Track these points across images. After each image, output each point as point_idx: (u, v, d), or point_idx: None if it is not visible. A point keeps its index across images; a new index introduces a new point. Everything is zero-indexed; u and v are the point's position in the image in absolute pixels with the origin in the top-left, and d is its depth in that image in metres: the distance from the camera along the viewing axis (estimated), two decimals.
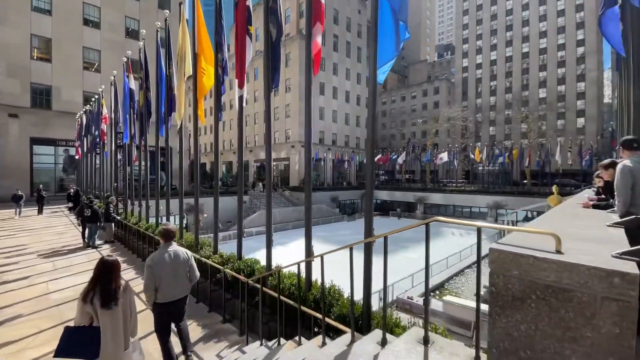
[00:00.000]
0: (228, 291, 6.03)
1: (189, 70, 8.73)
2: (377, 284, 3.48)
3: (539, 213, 32.69)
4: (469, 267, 22.30)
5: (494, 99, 67.54)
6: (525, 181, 45.76)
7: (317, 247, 4.90)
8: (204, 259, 6.61)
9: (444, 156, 46.69)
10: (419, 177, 58.81)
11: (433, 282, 18.47)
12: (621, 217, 3.03)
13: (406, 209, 47.08)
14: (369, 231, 3.11)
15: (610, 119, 60.10)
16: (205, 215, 28.80)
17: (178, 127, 9.55)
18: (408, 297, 15.24)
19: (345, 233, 32.38)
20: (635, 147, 3.18)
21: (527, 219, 34.70)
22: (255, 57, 48.71)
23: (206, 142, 66.96)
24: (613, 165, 3.50)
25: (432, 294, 17.19)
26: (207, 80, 7.99)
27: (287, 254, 21.83)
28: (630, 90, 4.27)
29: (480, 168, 50.05)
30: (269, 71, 5.49)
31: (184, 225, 10.45)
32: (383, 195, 49.96)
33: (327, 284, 4.08)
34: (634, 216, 2.44)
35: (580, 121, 57.38)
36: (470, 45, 72.08)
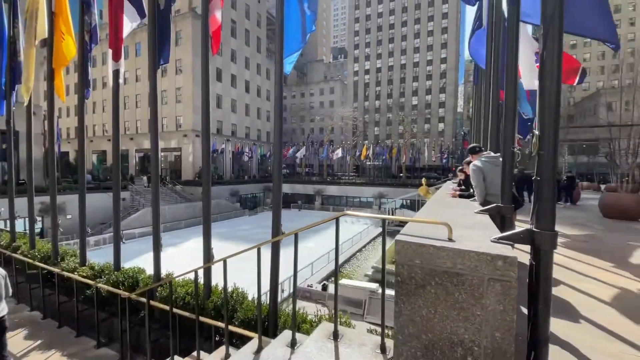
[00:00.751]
0: (103, 309, 4.94)
1: (42, 32, 6.70)
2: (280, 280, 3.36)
3: (412, 201, 38.91)
4: (359, 251, 24.73)
5: (379, 102, 76.41)
6: (401, 174, 53.55)
7: (217, 245, 4.44)
8: (66, 273, 5.24)
9: (339, 152, 50.38)
10: (317, 170, 61.88)
11: (329, 268, 19.73)
12: (481, 204, 3.71)
13: (306, 200, 48.97)
14: (277, 229, 2.92)
15: (462, 125, 76.13)
16: (68, 216, 23.41)
17: (26, 104, 7.28)
18: (308, 285, 15.83)
19: (247, 228, 31.46)
20: (478, 150, 4.17)
21: (403, 206, 40.70)
22: (138, 30, 41.70)
23: (70, 126, 54.17)
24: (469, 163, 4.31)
25: (329, 280, 18.32)
26: (68, 47, 6.30)
27: (181, 257, 19.70)
28: (483, 100, 5.34)
29: (367, 163, 56.04)
30: (155, 44, 4.63)
31: (38, 231, 8.13)
32: (285, 188, 50.51)
33: (230, 287, 3.73)
34: (494, 204, 2.99)
35: (441, 126, 70.61)
36: (360, 52, 79.30)
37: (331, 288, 14.96)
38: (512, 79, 2.87)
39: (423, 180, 20.83)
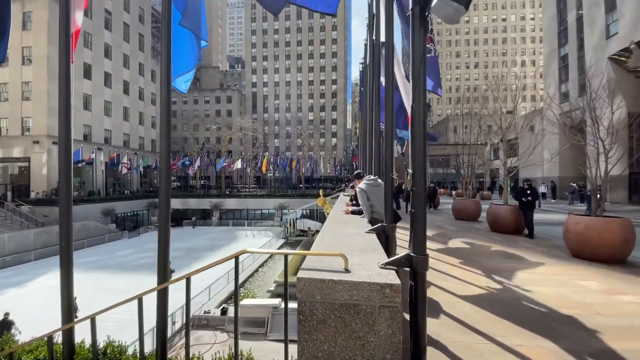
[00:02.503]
0: None
1: None
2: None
3: (311, 210, 40.69)
4: (261, 266, 24.21)
5: (278, 115, 77.95)
6: (301, 185, 55.53)
7: (82, 278, 3.54)
8: None
9: (238, 163, 48.74)
10: (214, 183, 58.11)
11: (230, 288, 18.61)
12: (369, 221, 4.15)
13: (201, 216, 45.19)
14: (163, 275, 2.55)
15: (351, 140, 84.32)
16: None
17: None
18: (205, 312, 14.50)
19: (126, 253, 26.84)
20: (362, 175, 4.90)
21: (304, 216, 42.12)
22: None
23: None
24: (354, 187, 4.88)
25: (229, 302, 17.24)
26: None
27: (29, 302, 15.27)
28: (366, 124, 6.06)
29: (268, 175, 55.98)
30: None
31: None
32: (175, 203, 45.55)
33: (102, 342, 3.06)
34: (380, 224, 3.36)
35: (334, 140, 76.82)
36: (258, 64, 79.60)
37: (231, 311, 14.08)
38: (390, 116, 3.33)
39: (320, 192, 22.18)
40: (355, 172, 5.47)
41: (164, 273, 2.63)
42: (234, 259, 2.22)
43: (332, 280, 1.79)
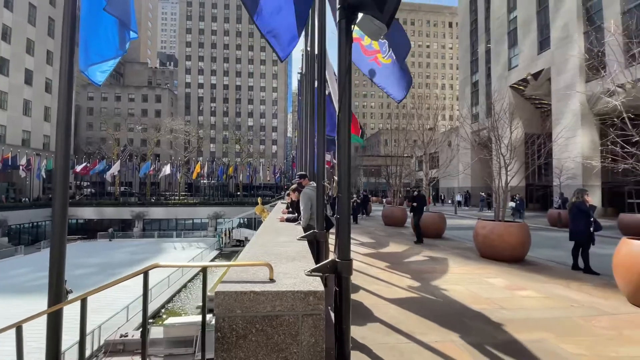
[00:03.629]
0: None
1: None
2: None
3: (250, 219, 39.38)
4: (191, 280, 22.44)
5: (214, 119, 74.45)
6: (239, 193, 53.55)
7: None
8: None
9: (167, 168, 44.92)
10: (137, 189, 52.51)
11: (153, 307, 16.81)
12: (304, 228, 4.12)
13: (121, 227, 40.25)
14: (56, 295, 2.13)
15: (292, 148, 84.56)
16: None
17: None
18: (122, 335, 12.80)
19: (22, 272, 22.46)
20: (308, 178, 4.59)
21: (241, 225, 40.51)
22: None
23: None
24: (299, 189, 4.74)
25: (151, 320, 15.56)
26: None
27: None
28: (307, 134, 6.12)
29: (202, 182, 52.74)
30: None
31: None
32: (88, 213, 39.86)
33: None
34: (312, 231, 3.35)
35: (274, 147, 76.24)
36: (193, 64, 75.28)
37: (154, 332, 12.69)
38: (321, 126, 3.39)
39: (259, 200, 21.63)
40: (300, 173, 5.10)
41: (56, 293, 2.20)
42: (143, 275, 1.96)
43: (254, 291, 1.69)
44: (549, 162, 21.18)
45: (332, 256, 2.32)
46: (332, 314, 2.23)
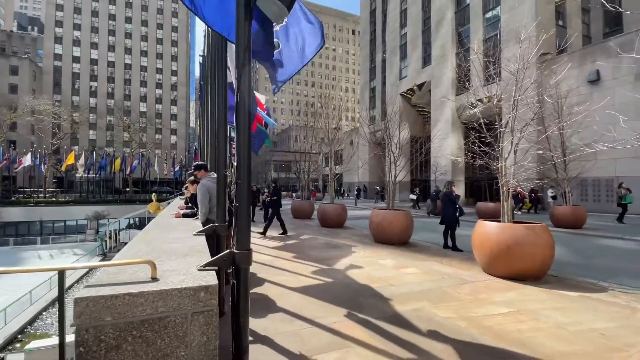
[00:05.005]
0: None
1: None
2: None
3: (142, 219, 34.62)
4: (65, 292, 18.41)
5: (95, 100, 62.62)
6: (128, 189, 46.53)
7: None
8: None
9: (27, 158, 35.71)
10: None
11: (9, 329, 13.22)
12: (203, 224, 3.79)
13: None
14: None
15: (195, 140, 77.81)
16: None
17: None
18: None
19: None
20: (205, 168, 4.23)
21: (131, 227, 35.29)
22: None
23: None
24: (196, 181, 4.33)
25: (7, 348, 12.22)
26: None
27: None
28: (207, 121, 5.62)
29: (78, 175, 43.80)
30: None
31: None
32: None
33: None
34: (211, 224, 3.10)
35: (174, 138, 68.75)
36: (66, 32, 61.44)
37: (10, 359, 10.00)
38: (223, 112, 3.15)
39: (153, 196, 19.13)
40: (198, 163, 4.41)
41: None
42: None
43: (130, 294, 1.43)
44: (428, 160, 25.11)
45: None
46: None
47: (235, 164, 1.89)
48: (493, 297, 3.90)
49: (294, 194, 37.60)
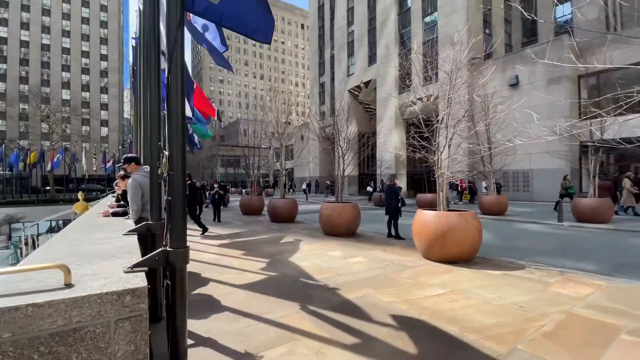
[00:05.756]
0: None
1: None
2: None
3: (66, 221, 30.64)
4: None
5: (4, 85, 53.51)
6: (48, 187, 40.83)
7: None
8: None
9: None
10: None
11: None
12: (135, 223, 3.45)
13: None
14: None
15: (129, 132, 70.85)
16: None
17: None
18: None
19: None
20: (137, 161, 3.83)
21: (52, 230, 31.04)
22: None
23: None
24: (127, 176, 3.91)
25: None
26: None
27: None
28: (140, 111, 5.10)
29: None
30: None
31: None
32: None
33: None
34: (144, 222, 2.82)
35: (105, 130, 61.89)
36: None
37: None
38: (155, 102, 2.88)
39: (80, 195, 17.02)
40: (129, 155, 3.94)
41: None
42: None
43: (35, 304, 1.22)
44: (374, 154, 26.23)
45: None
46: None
47: (167, 153, 1.72)
48: (431, 279, 4.21)
49: (243, 190, 36.55)
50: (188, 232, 2.10)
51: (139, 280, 1.51)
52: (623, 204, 11.54)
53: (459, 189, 19.11)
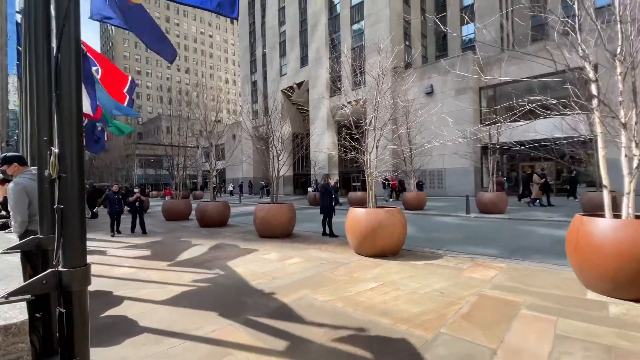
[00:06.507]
0: None
1: None
2: None
3: None
4: None
5: None
6: None
7: None
8: None
9: None
10: None
11: None
12: (20, 238, 2.80)
13: None
14: None
15: (17, 127, 58.70)
16: None
17: None
18: None
19: None
20: (23, 162, 3.08)
21: None
22: None
23: None
24: (6, 179, 3.17)
25: None
26: None
27: None
28: (27, 100, 4.16)
29: None
30: None
31: None
32: None
33: None
34: (31, 237, 2.28)
35: None
36: None
37: None
38: (46, 88, 2.36)
39: None
40: (9, 155, 3.11)
41: None
42: None
43: None
44: (308, 155, 26.59)
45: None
46: None
47: (56, 150, 1.39)
48: (364, 274, 4.37)
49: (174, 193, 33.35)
50: (105, 244, 1.74)
51: (17, 312, 1.18)
52: (535, 197, 13.51)
53: (391, 187, 20.53)
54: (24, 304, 1.26)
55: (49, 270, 1.40)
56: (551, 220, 9.63)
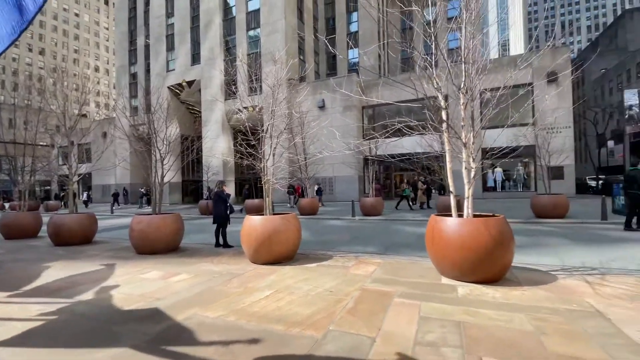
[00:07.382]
0: None
1: None
2: None
3: None
4: None
5: None
6: None
7: None
8: None
9: None
10: None
11: None
12: None
13: None
14: None
15: None
16: None
17: None
18: None
19: None
20: None
21: None
22: None
23: None
24: None
25: None
26: None
27: None
28: None
29: None
30: None
31: None
32: None
33: None
34: None
35: None
36: None
37: None
38: None
39: None
40: None
41: None
42: None
43: None
44: (200, 159, 24.74)
45: None
46: None
47: None
48: (259, 283, 4.33)
49: (6, 205, 25.82)
50: None
51: None
52: (420, 201, 15.77)
53: (295, 194, 20.89)
54: None
55: None
56: (416, 220, 11.66)
